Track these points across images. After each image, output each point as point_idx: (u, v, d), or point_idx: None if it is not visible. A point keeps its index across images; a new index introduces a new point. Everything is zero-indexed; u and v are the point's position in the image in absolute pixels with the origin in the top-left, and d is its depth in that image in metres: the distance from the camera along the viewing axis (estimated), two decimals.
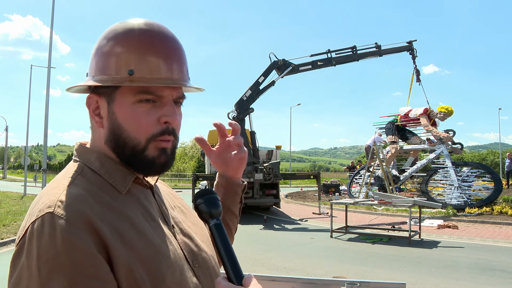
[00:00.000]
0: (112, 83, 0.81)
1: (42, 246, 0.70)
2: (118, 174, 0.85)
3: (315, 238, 9.65)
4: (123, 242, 0.76)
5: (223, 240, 0.82)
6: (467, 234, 9.76)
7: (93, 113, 0.87)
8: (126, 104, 0.83)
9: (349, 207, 11.41)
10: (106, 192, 0.82)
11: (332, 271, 6.56)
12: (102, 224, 0.75)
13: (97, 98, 0.86)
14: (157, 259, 0.80)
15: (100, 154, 0.87)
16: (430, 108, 14.88)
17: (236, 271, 0.79)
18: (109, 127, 0.85)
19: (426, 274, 6.39)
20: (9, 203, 16.33)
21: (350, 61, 14.03)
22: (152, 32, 0.83)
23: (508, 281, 6.02)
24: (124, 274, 0.74)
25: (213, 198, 0.87)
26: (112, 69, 0.82)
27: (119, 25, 0.85)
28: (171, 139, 0.86)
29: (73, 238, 0.70)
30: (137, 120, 0.82)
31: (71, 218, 0.72)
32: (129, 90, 0.82)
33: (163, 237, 0.85)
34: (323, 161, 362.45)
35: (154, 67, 0.81)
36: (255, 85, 13.42)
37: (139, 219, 0.83)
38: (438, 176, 14.03)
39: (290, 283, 1.65)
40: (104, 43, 0.84)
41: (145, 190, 0.91)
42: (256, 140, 13.59)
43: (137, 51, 0.81)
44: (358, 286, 1.70)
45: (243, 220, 12.73)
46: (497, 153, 54.48)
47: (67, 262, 0.69)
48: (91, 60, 0.87)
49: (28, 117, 30.63)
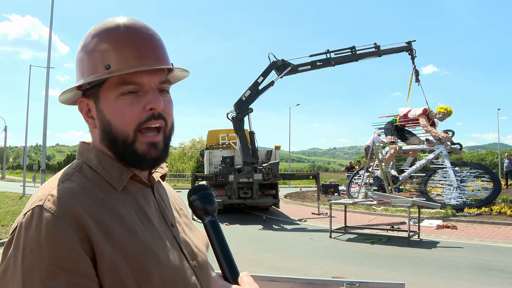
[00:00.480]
0: (92, 79, 0.84)
1: (28, 237, 0.72)
2: (114, 171, 0.87)
3: (314, 238, 9.65)
4: (110, 238, 0.77)
5: (218, 237, 0.80)
6: (466, 234, 9.76)
7: (86, 116, 0.90)
8: (110, 99, 0.85)
9: (348, 207, 11.41)
10: (101, 188, 0.84)
11: (331, 271, 6.57)
12: (90, 219, 0.76)
13: (86, 101, 0.89)
14: (144, 258, 0.80)
15: (99, 152, 0.89)
16: (429, 108, 14.89)
17: (231, 269, 0.77)
18: (100, 126, 0.88)
19: (425, 274, 6.40)
20: (8, 203, 16.30)
21: (349, 62, 14.02)
22: (122, 26, 0.86)
23: (506, 281, 6.03)
24: (108, 270, 0.75)
25: (207, 194, 0.85)
26: (91, 69, 0.85)
27: (94, 27, 0.88)
28: (160, 123, 0.87)
29: (57, 231, 0.72)
30: (121, 112, 0.84)
31: (58, 212, 0.74)
32: (111, 85, 0.85)
33: (155, 236, 0.85)
34: (322, 161, 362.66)
35: (129, 57, 0.84)
36: (254, 85, 13.42)
37: (131, 217, 0.83)
38: (437, 177, 14.05)
39: (289, 283, 1.65)
40: (79, 50, 0.88)
41: (145, 188, 0.92)
42: (255, 140, 13.58)
43: (110, 47, 0.84)
44: (357, 286, 1.70)
45: (242, 220, 12.73)
46: (496, 153, 54.44)
47: (48, 255, 0.70)
48: (75, 70, 0.90)
49: (27, 117, 30.69)
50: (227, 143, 16.50)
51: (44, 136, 16.09)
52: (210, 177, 13.63)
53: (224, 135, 16.63)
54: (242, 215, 14.17)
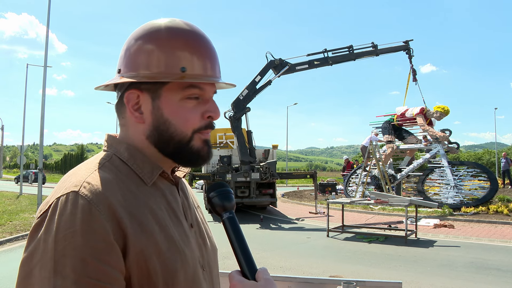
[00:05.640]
0: (165, 79, 0.83)
1: (62, 222, 0.72)
2: (146, 166, 0.87)
3: (312, 238, 9.66)
4: (143, 230, 0.78)
5: (237, 233, 0.83)
6: (463, 233, 9.80)
7: (132, 108, 0.87)
8: (174, 100, 0.85)
9: (345, 207, 11.42)
10: (133, 181, 0.84)
11: (328, 271, 6.57)
12: (124, 211, 0.77)
13: (138, 94, 0.86)
14: (173, 255, 0.80)
15: (130, 146, 0.88)
16: (427, 107, 14.92)
17: (249, 265, 0.79)
18: (153, 122, 0.86)
19: (422, 273, 6.41)
20: (5, 203, 16.26)
21: (347, 61, 14.03)
22: (196, 33, 0.87)
23: (503, 280, 6.05)
24: (137, 262, 0.76)
25: (226, 191, 0.88)
26: (161, 66, 0.84)
27: (164, 24, 0.87)
28: (210, 131, 0.91)
29: (92, 220, 0.72)
30: (185, 115, 0.86)
31: (94, 200, 0.74)
32: (177, 86, 0.85)
33: (182, 234, 0.86)
34: (320, 160, 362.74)
35: (202, 66, 0.86)
36: (252, 84, 13.42)
37: (162, 213, 0.84)
38: (434, 176, 14.07)
39: (287, 283, 1.65)
40: (150, 40, 0.85)
41: (171, 186, 0.93)
42: (252, 139, 13.58)
43: (187, 50, 0.85)
44: (354, 285, 1.70)
45: (240, 219, 12.63)
46: (493, 152, 54.70)
47: (82, 242, 0.70)
48: (129, 55, 0.87)
49: (24, 116, 30.48)
50: (224, 142, 16.50)
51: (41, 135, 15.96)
52: (208, 176, 13.62)
53: (221, 134, 16.63)
54: (239, 214, 14.16)
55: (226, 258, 4.94)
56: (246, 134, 13.46)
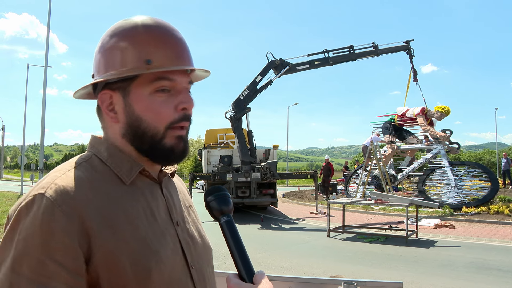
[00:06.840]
0: (132, 72, 0.83)
1: (25, 223, 0.73)
2: (125, 164, 0.87)
3: (312, 238, 9.66)
4: (112, 231, 0.77)
5: (234, 237, 0.82)
6: (464, 234, 9.79)
7: (107, 109, 0.87)
8: (143, 95, 0.85)
9: (346, 207, 11.41)
10: (109, 181, 0.84)
11: (329, 271, 6.57)
12: (93, 211, 0.76)
13: (110, 94, 0.87)
14: (145, 254, 0.80)
15: (110, 145, 0.88)
16: (427, 107, 14.91)
17: (247, 268, 0.79)
18: (126, 120, 0.86)
19: (423, 273, 6.41)
20: (6, 203, 16.27)
21: (348, 61, 14.03)
22: (160, 25, 0.87)
23: (504, 280, 6.04)
24: (106, 262, 0.75)
25: (224, 195, 0.88)
26: (128, 62, 0.84)
27: (125, 22, 0.88)
28: (187, 124, 0.89)
29: (53, 221, 0.73)
30: (156, 109, 0.85)
31: (58, 201, 0.74)
32: (145, 80, 0.84)
33: (158, 234, 0.85)
34: (321, 160, 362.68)
35: (169, 56, 0.85)
36: (252, 84, 13.42)
37: (137, 212, 0.83)
38: (435, 176, 14.06)
39: (287, 283, 1.65)
40: (113, 40, 0.86)
41: (153, 184, 0.92)
42: (253, 139, 13.58)
43: (151, 44, 0.84)
44: (355, 285, 1.70)
45: (240, 220, 12.72)
46: (493, 152, 54.67)
47: (40, 243, 0.71)
48: (98, 59, 0.88)
49: (25, 116, 30.60)
50: (225, 142, 16.51)
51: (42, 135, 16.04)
52: (208, 177, 13.62)
53: (222, 134, 16.64)
54: (240, 214, 14.16)
55: (226, 258, 4.94)
56: (247, 134, 13.46)
